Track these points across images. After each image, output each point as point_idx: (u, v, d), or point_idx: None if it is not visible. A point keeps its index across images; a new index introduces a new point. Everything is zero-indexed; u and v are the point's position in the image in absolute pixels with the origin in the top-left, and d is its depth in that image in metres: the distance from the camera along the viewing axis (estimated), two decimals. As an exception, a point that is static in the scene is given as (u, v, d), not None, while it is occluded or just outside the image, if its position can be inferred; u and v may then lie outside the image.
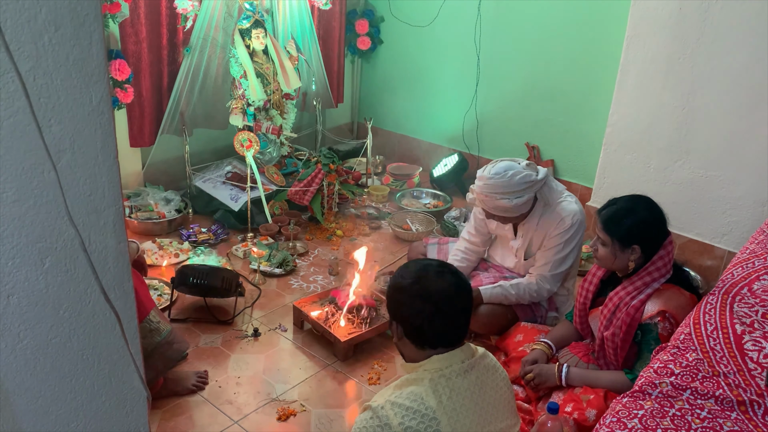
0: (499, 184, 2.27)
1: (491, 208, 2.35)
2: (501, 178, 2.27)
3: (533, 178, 2.30)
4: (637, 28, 3.08)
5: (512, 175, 2.27)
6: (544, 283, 2.41)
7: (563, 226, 2.35)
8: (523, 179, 2.27)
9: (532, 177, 2.30)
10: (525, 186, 2.27)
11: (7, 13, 0.89)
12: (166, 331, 2.14)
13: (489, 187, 2.30)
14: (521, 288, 2.43)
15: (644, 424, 1.41)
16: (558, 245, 2.37)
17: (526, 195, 2.29)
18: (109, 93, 1.05)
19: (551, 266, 2.39)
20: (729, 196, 2.99)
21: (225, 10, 3.47)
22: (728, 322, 1.70)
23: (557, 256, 2.38)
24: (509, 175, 2.27)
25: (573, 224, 2.34)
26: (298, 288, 3.02)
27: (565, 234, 2.35)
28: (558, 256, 2.38)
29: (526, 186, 2.28)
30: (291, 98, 3.86)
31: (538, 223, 2.41)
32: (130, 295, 1.19)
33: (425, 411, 1.37)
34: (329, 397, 2.31)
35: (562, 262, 2.39)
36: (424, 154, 4.51)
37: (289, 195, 3.58)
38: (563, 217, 2.35)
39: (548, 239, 2.39)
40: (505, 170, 2.28)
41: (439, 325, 1.45)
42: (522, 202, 2.30)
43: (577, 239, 2.38)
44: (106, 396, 1.21)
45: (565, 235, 2.35)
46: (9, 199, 0.97)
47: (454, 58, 4.25)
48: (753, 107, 2.81)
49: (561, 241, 2.36)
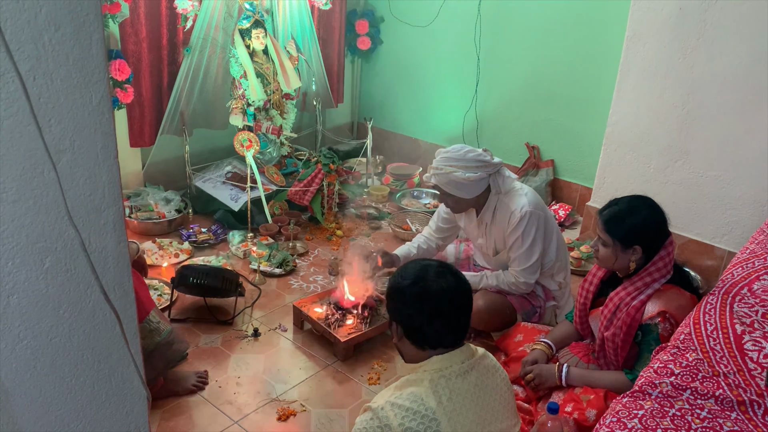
0: (454, 157, 2.40)
1: (445, 183, 2.42)
2: (456, 152, 2.41)
3: (487, 158, 2.41)
4: (637, 28, 3.08)
5: (467, 151, 2.41)
6: (519, 278, 2.48)
7: (514, 221, 2.42)
8: (477, 156, 2.40)
9: (486, 157, 2.42)
10: (478, 163, 2.39)
11: (7, 13, 0.89)
12: (166, 331, 2.14)
13: (444, 160, 2.41)
14: (500, 279, 2.52)
15: (644, 424, 1.41)
16: (516, 240, 2.44)
17: (478, 172, 2.38)
18: (109, 93, 1.05)
19: (519, 261, 2.47)
20: (729, 196, 2.99)
21: (225, 10, 3.47)
22: (728, 322, 1.70)
23: (520, 251, 2.45)
24: (464, 150, 2.41)
25: (523, 217, 2.40)
26: (298, 288, 3.02)
27: (518, 228, 2.42)
28: (520, 250, 2.45)
29: (479, 164, 2.39)
30: (291, 98, 3.86)
31: (493, 217, 2.50)
32: (130, 295, 1.19)
33: (425, 412, 1.37)
34: (329, 397, 2.31)
35: (528, 255, 2.45)
36: (424, 154, 4.50)
37: (289, 195, 3.58)
38: (512, 210, 2.43)
39: (507, 237, 2.47)
40: (461, 147, 2.44)
41: (438, 325, 1.45)
42: (474, 179, 2.37)
43: (534, 229, 2.43)
44: (106, 396, 1.21)
45: (519, 229, 2.42)
46: (9, 199, 0.97)
47: (454, 58, 4.25)
48: (753, 107, 2.81)
49: (517, 235, 2.43)
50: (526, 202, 2.42)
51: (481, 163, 2.39)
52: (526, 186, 2.55)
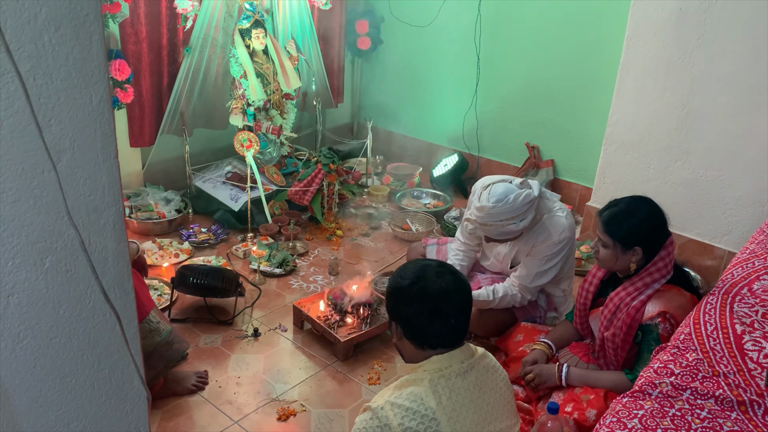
0: (504, 211, 2.22)
1: (497, 234, 2.32)
2: (504, 205, 2.21)
3: (532, 196, 2.25)
4: (637, 28, 3.08)
5: (514, 198, 2.21)
6: (524, 293, 2.42)
7: (550, 242, 2.33)
8: (525, 200, 2.23)
9: (532, 196, 2.25)
10: (528, 207, 2.24)
11: (7, 13, 0.89)
12: (166, 331, 2.14)
13: (494, 216, 2.24)
14: (507, 298, 2.42)
15: (644, 424, 1.41)
16: (541, 259, 2.36)
17: (529, 215, 2.27)
18: (109, 93, 1.05)
19: (531, 279, 2.39)
20: (729, 196, 2.99)
21: (225, 10, 3.47)
22: (728, 322, 1.70)
23: (539, 269, 2.37)
24: (511, 199, 2.21)
25: (560, 241, 2.33)
26: (298, 288, 3.02)
27: (550, 249, 2.34)
28: (539, 269, 2.37)
29: (529, 206, 2.25)
30: (291, 98, 3.86)
31: (529, 234, 2.39)
32: (130, 295, 1.19)
33: (425, 411, 1.37)
34: (329, 397, 2.31)
35: (541, 276, 2.39)
36: (424, 154, 4.50)
37: (289, 195, 3.58)
38: (551, 232, 2.33)
39: (534, 250, 2.39)
40: (505, 195, 2.23)
41: (438, 325, 1.45)
42: (527, 224, 2.29)
43: (561, 255, 2.37)
44: (106, 396, 1.21)
45: (550, 250, 2.34)
46: (9, 199, 0.97)
47: (454, 58, 4.25)
48: (753, 107, 2.81)
49: (545, 255, 2.35)
50: (566, 226, 2.34)
51: (530, 204, 2.24)
52: (563, 205, 2.45)
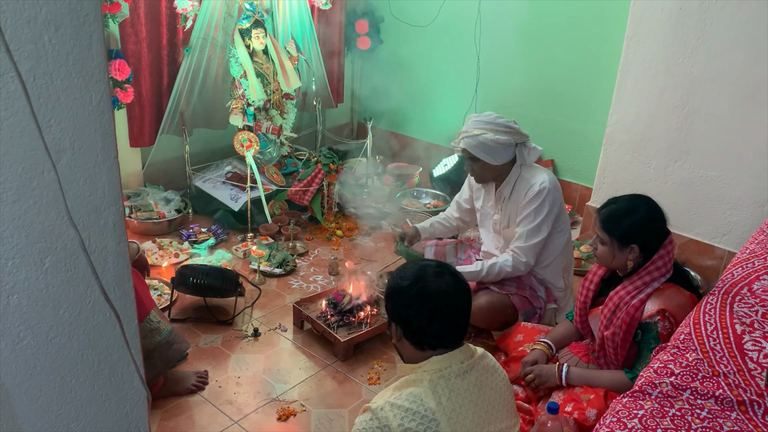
0: (484, 120, 2.46)
1: (473, 146, 2.44)
2: (487, 117, 2.48)
3: (516, 126, 2.47)
4: (637, 28, 3.08)
5: (497, 116, 2.48)
6: (520, 257, 2.46)
7: (531, 193, 2.43)
8: (506, 122, 2.47)
9: (515, 126, 2.47)
10: (507, 129, 2.44)
11: (7, 13, 0.89)
12: (166, 331, 2.14)
13: (474, 123, 2.47)
14: (496, 266, 2.47)
15: (644, 424, 1.41)
16: (528, 215, 2.44)
17: (507, 137, 2.42)
18: (109, 93, 1.05)
19: (525, 237, 2.46)
20: (729, 196, 2.99)
21: (225, 10, 3.47)
22: (728, 322, 1.70)
23: (529, 226, 2.45)
24: (495, 116, 2.49)
25: (541, 191, 2.42)
26: (298, 288, 3.02)
27: (533, 201, 2.43)
28: (530, 226, 2.44)
29: (508, 129, 2.44)
30: (291, 98, 3.86)
31: (513, 190, 2.51)
32: (130, 295, 1.19)
33: (425, 412, 1.37)
34: (329, 397, 2.31)
35: (535, 232, 2.44)
36: (424, 154, 4.50)
37: (289, 195, 3.58)
38: (532, 184, 2.45)
39: (520, 210, 2.48)
40: (491, 113, 2.51)
41: (438, 326, 1.45)
42: (502, 142, 2.41)
43: (547, 209, 2.43)
44: (106, 396, 1.21)
45: (534, 203, 2.42)
46: (9, 199, 0.97)
47: (454, 58, 4.25)
48: (753, 107, 2.81)
49: (530, 209, 2.44)
50: (547, 179, 2.45)
51: (511, 129, 2.44)
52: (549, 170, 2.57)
